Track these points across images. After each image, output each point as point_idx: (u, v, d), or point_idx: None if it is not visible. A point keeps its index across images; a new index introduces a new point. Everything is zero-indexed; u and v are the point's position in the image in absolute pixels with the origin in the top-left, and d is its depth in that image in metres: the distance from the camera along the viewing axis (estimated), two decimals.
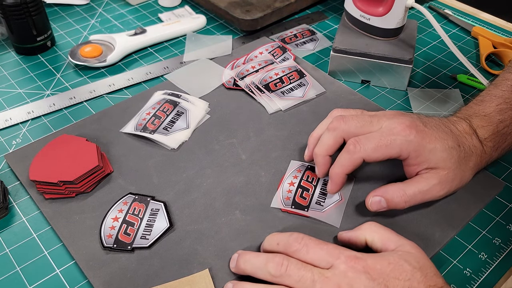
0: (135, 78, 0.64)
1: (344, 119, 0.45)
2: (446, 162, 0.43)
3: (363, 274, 0.36)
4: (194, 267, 0.42)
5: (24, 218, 0.47)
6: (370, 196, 0.44)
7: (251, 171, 0.50)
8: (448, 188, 0.44)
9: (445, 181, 0.44)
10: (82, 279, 0.42)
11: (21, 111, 0.59)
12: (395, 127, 0.43)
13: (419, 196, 0.44)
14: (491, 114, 0.47)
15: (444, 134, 0.44)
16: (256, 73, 0.62)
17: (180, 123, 0.55)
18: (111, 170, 0.50)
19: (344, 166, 0.44)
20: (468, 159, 0.45)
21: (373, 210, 0.44)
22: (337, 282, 0.36)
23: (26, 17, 0.65)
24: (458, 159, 0.44)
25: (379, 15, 0.61)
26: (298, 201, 0.47)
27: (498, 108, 0.47)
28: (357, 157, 0.43)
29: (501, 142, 0.47)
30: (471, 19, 0.77)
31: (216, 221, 0.46)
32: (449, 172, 0.44)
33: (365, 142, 0.43)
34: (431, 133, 0.44)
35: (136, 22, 0.76)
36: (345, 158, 0.44)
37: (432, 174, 0.44)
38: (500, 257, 0.44)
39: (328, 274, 0.36)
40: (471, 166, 0.46)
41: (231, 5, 0.72)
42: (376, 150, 0.43)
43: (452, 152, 0.44)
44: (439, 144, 0.43)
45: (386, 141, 0.43)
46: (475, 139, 0.46)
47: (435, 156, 0.43)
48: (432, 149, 0.43)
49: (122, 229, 0.44)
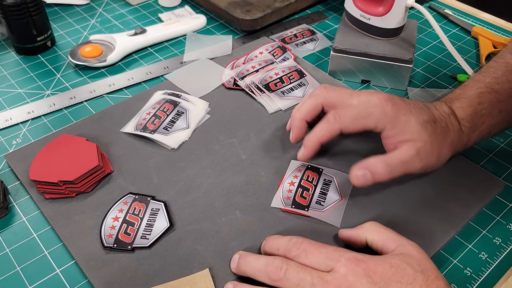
0: (135, 78, 0.64)
1: (326, 88, 0.49)
2: (421, 134, 0.44)
3: (364, 278, 0.36)
4: (194, 267, 0.42)
5: (24, 218, 0.47)
6: (353, 171, 0.44)
7: (251, 171, 0.50)
8: (427, 161, 0.45)
9: (423, 152, 0.44)
10: (82, 279, 0.42)
11: (21, 111, 0.59)
12: (372, 100, 0.45)
13: (401, 166, 0.44)
14: (471, 97, 0.48)
15: (420, 109, 0.46)
16: (256, 73, 0.62)
17: (180, 123, 0.55)
18: (111, 170, 0.50)
19: (320, 134, 0.46)
20: (445, 135, 0.46)
21: (359, 184, 0.44)
22: (337, 285, 0.36)
23: (26, 17, 0.65)
24: (433, 133, 0.45)
25: (379, 15, 0.61)
26: (298, 201, 0.47)
27: (478, 92, 0.49)
28: (335, 127, 0.45)
29: (479, 124, 0.48)
30: (471, 19, 0.77)
31: (216, 221, 0.46)
32: (426, 144, 0.44)
33: (344, 114, 0.45)
34: (407, 107, 0.45)
35: (136, 22, 0.76)
36: (322, 127, 0.46)
37: (410, 145, 0.44)
38: (501, 256, 0.44)
39: (328, 277, 0.36)
40: (449, 142, 0.46)
41: (231, 5, 0.72)
42: (354, 121, 0.45)
43: (427, 126, 0.45)
44: (414, 117, 0.45)
45: (364, 113, 0.45)
46: (453, 119, 0.47)
47: (409, 127, 0.44)
48: (407, 120, 0.45)
49: (122, 229, 0.44)
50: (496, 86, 0.49)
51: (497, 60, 0.51)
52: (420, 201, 0.47)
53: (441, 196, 0.48)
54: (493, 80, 0.49)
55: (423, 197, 0.48)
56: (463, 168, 0.50)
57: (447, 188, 0.48)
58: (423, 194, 0.48)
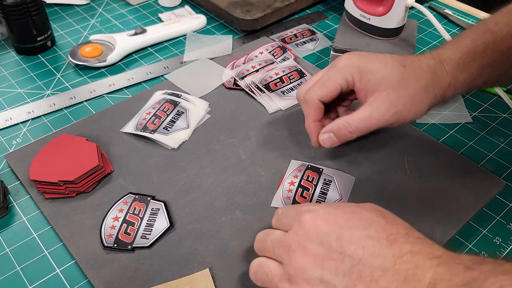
0: (135, 78, 0.64)
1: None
2: (386, 82, 0.43)
3: (312, 229, 0.34)
4: (194, 266, 0.42)
5: (24, 218, 0.47)
6: (320, 135, 0.45)
7: (251, 170, 0.50)
8: (395, 109, 0.43)
9: (387, 102, 0.43)
10: (82, 279, 0.42)
11: (21, 111, 0.59)
12: (340, 57, 0.45)
13: (362, 123, 0.44)
14: (464, 38, 0.46)
15: (389, 57, 0.45)
16: (256, 72, 0.62)
17: (180, 123, 0.55)
18: (111, 169, 0.50)
19: (308, 115, 0.47)
20: (417, 79, 0.43)
21: (327, 146, 0.46)
22: (289, 243, 0.34)
23: (26, 17, 0.65)
24: (401, 78, 0.43)
25: (379, 15, 0.61)
26: (299, 201, 0.47)
27: (474, 32, 0.46)
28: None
29: (470, 62, 0.44)
30: (471, 19, 0.77)
31: (217, 221, 0.46)
32: (390, 93, 0.43)
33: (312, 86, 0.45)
34: (373, 56, 0.45)
35: (136, 22, 0.76)
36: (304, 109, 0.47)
37: (374, 98, 0.43)
38: (501, 256, 0.44)
39: (284, 237, 0.35)
40: (422, 86, 0.43)
41: (231, 5, 0.72)
42: (322, 87, 0.45)
43: (392, 72, 0.43)
44: (378, 64, 0.44)
45: (329, 74, 0.45)
46: (432, 60, 0.44)
47: (373, 75, 0.43)
48: (369, 67, 0.44)
49: (122, 229, 0.44)
50: (494, 27, 0.45)
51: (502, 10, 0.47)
52: (420, 201, 0.47)
53: (441, 196, 0.48)
54: (491, 20, 0.46)
55: (423, 197, 0.47)
56: (463, 168, 0.50)
57: (447, 188, 0.48)
58: (423, 194, 0.48)
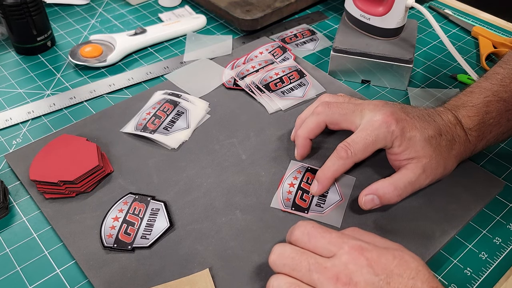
0: (135, 78, 0.64)
1: (329, 105, 0.48)
2: (426, 150, 0.44)
3: (365, 268, 0.34)
4: (194, 267, 0.42)
5: (24, 218, 0.47)
6: (362, 195, 0.45)
7: (251, 170, 0.50)
8: (433, 176, 0.45)
9: (429, 168, 0.45)
10: (82, 279, 0.42)
11: (21, 111, 0.59)
12: (376, 120, 0.44)
13: (409, 187, 0.44)
14: (478, 105, 0.48)
15: (426, 123, 0.46)
16: (256, 73, 0.62)
17: (180, 123, 0.55)
18: (111, 170, 0.50)
19: (333, 170, 0.46)
20: (451, 147, 0.46)
21: (367, 208, 0.45)
22: (335, 273, 0.34)
23: (26, 17, 0.65)
24: (438, 147, 0.45)
25: (379, 15, 0.61)
26: (299, 203, 0.47)
27: (486, 100, 0.48)
28: (348, 162, 0.45)
29: (487, 133, 0.48)
30: (471, 19, 0.77)
31: (217, 221, 0.46)
32: (431, 160, 0.44)
33: (355, 147, 0.44)
34: (412, 122, 0.45)
35: (136, 22, 0.76)
36: (335, 163, 0.45)
37: (416, 163, 0.44)
38: (501, 256, 0.44)
39: (328, 263, 0.35)
40: (454, 154, 0.46)
41: (231, 5, 0.72)
42: (364, 150, 0.44)
43: (431, 141, 0.45)
44: (419, 133, 0.45)
45: (371, 138, 0.44)
46: (459, 129, 0.47)
47: (414, 144, 0.44)
48: (411, 137, 0.44)
49: (122, 229, 0.44)
50: (505, 95, 0.48)
51: (503, 66, 0.51)
52: (420, 201, 0.47)
53: (441, 196, 0.48)
54: (501, 88, 0.49)
55: (423, 197, 0.47)
56: (463, 168, 0.50)
57: (447, 188, 0.48)
58: (423, 194, 0.48)
